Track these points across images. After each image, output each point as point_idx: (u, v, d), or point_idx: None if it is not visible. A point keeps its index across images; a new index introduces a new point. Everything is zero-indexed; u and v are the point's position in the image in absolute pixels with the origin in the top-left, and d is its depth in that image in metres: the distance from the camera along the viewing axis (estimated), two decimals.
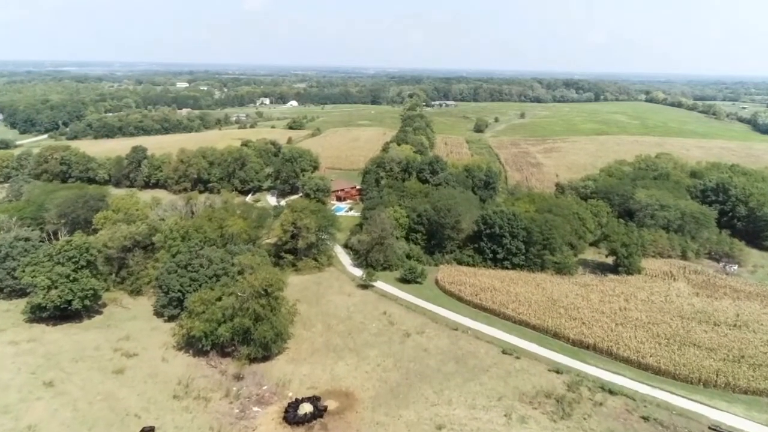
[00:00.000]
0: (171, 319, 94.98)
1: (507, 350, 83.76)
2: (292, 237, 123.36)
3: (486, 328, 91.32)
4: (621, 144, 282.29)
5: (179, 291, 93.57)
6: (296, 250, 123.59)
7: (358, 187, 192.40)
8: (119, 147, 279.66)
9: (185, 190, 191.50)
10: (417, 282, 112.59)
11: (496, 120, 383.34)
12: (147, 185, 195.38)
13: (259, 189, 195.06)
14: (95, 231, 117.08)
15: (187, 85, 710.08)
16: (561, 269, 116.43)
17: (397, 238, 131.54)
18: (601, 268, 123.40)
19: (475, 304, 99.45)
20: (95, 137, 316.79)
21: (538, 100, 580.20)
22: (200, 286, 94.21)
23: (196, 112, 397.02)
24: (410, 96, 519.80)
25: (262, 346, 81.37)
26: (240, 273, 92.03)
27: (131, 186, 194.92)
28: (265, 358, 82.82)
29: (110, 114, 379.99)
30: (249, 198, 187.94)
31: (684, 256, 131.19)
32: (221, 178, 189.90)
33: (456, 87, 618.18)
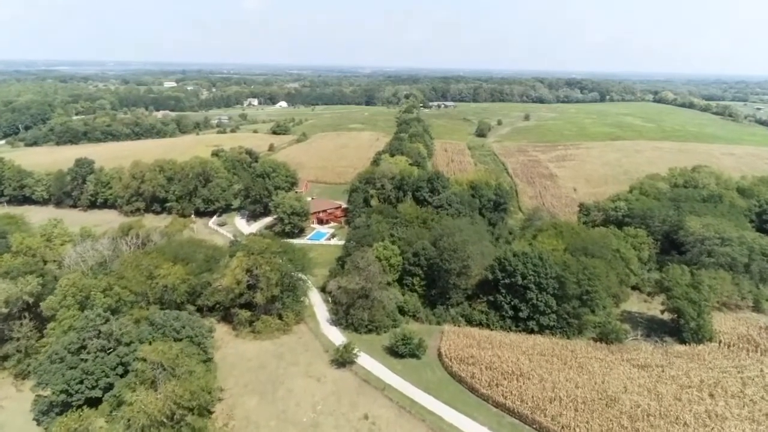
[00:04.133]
0: None
1: None
2: (249, 287, 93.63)
3: None
4: (641, 151, 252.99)
5: (64, 392, 63.56)
6: (254, 305, 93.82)
7: (344, 206, 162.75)
8: (82, 155, 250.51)
9: (138, 210, 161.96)
10: (414, 356, 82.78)
11: (499, 123, 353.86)
12: (93, 205, 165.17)
13: (227, 209, 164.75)
14: None
15: (175, 84, 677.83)
16: (606, 335, 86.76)
17: (388, 283, 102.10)
18: (654, 328, 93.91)
19: (496, 402, 69.63)
20: (57, 143, 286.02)
21: (540, 100, 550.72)
22: (97, 382, 64.46)
23: (173, 114, 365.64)
24: (406, 97, 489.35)
25: None
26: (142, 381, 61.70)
27: (74, 206, 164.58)
28: None
29: (78, 117, 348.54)
30: (213, 221, 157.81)
31: (757, 308, 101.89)
32: (181, 196, 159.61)
33: (455, 87, 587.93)
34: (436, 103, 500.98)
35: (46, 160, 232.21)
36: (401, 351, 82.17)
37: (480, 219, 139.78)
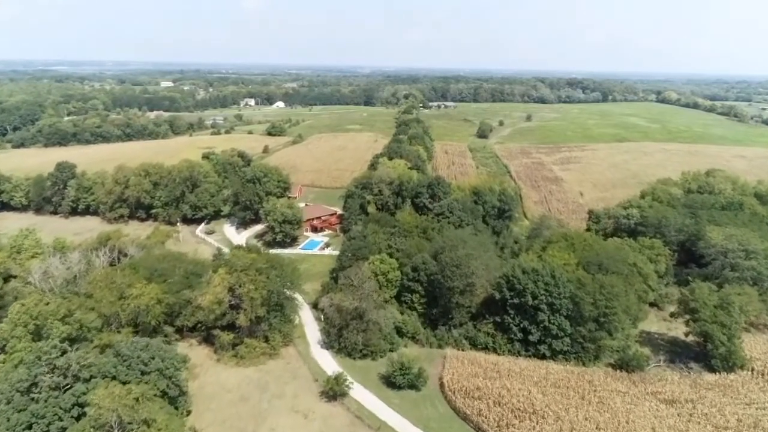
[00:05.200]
0: None
1: None
2: (232, 307, 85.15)
3: None
4: (648, 153, 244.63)
5: None
6: (237, 326, 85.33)
7: (339, 212, 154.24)
8: (70, 157, 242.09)
9: (122, 217, 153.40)
10: (413, 387, 74.20)
11: (501, 124, 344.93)
12: (75, 212, 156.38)
13: (216, 216, 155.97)
14: None
15: (171, 84, 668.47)
16: (627, 363, 78.20)
17: (385, 300, 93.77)
18: (678, 352, 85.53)
19: None
20: (46, 145, 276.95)
21: (542, 100, 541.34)
22: (48, 427, 55.97)
23: (166, 115, 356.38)
24: (406, 97, 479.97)
25: None
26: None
27: (55, 213, 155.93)
28: None
29: (69, 118, 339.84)
30: (201, 228, 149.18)
31: None
32: (167, 202, 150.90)
33: (455, 87, 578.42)
34: (436, 104, 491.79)
35: (31, 162, 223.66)
36: (399, 382, 73.64)
37: (483, 227, 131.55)
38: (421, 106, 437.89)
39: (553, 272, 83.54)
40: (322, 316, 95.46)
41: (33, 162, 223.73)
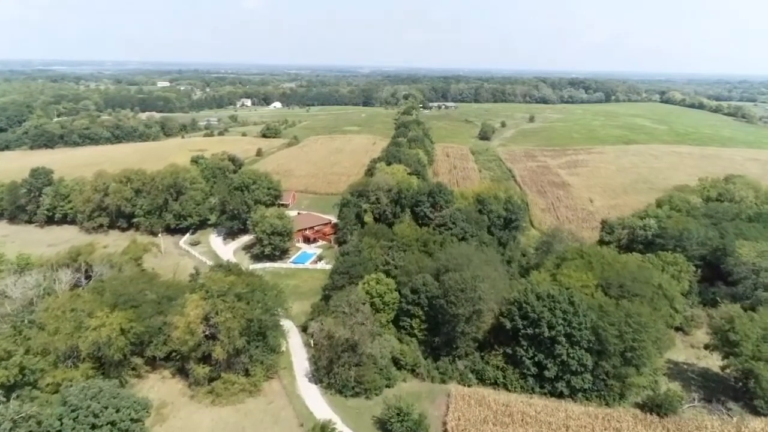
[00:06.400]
0: None
1: None
2: (208, 337, 75.17)
3: None
4: (659, 157, 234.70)
5: None
6: (215, 360, 75.28)
7: (334, 221, 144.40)
8: (54, 160, 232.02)
9: (101, 227, 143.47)
10: None
11: (503, 125, 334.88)
12: (51, 221, 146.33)
13: (203, 225, 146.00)
14: None
15: (167, 84, 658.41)
16: (658, 405, 68.18)
17: (381, 325, 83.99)
18: (712, 387, 75.57)
19: None
20: (31, 147, 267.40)
21: (544, 100, 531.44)
22: None
23: (158, 116, 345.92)
24: (405, 97, 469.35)
25: None
26: None
27: (30, 221, 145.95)
28: None
29: (59, 119, 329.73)
30: (185, 239, 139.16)
31: None
32: (150, 211, 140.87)
33: (455, 87, 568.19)
34: (436, 104, 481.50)
35: (13, 166, 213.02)
36: (396, 429, 63.52)
37: (489, 238, 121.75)
38: (421, 107, 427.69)
39: (571, 298, 73.63)
40: (312, 341, 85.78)
41: (15, 166, 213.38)
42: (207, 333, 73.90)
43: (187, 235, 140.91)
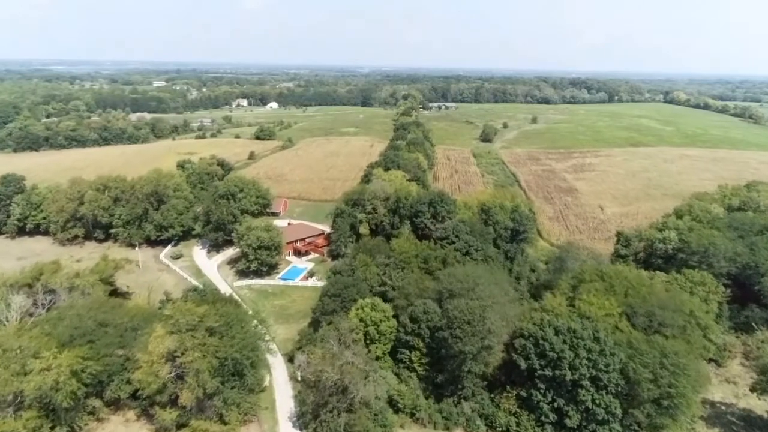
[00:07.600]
0: None
1: None
2: (178, 377, 64.91)
3: None
4: (669, 160, 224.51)
5: None
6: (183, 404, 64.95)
7: (327, 231, 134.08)
8: (37, 163, 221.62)
9: (76, 238, 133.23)
10: None
11: (505, 126, 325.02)
12: (23, 231, 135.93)
13: (187, 236, 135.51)
14: None
15: (163, 84, 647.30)
16: None
17: (377, 358, 73.95)
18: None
19: None
20: (15, 150, 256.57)
21: (546, 101, 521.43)
22: None
23: (149, 117, 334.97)
24: (405, 97, 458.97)
25: None
26: None
27: (0, 232, 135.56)
28: None
29: (47, 120, 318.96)
30: (166, 252, 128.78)
31: None
32: (129, 221, 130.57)
33: (455, 87, 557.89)
34: (436, 104, 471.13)
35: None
36: None
37: (495, 252, 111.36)
38: (420, 107, 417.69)
39: (596, 333, 63.42)
40: (298, 375, 75.66)
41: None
42: (173, 374, 63.68)
43: (169, 247, 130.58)
